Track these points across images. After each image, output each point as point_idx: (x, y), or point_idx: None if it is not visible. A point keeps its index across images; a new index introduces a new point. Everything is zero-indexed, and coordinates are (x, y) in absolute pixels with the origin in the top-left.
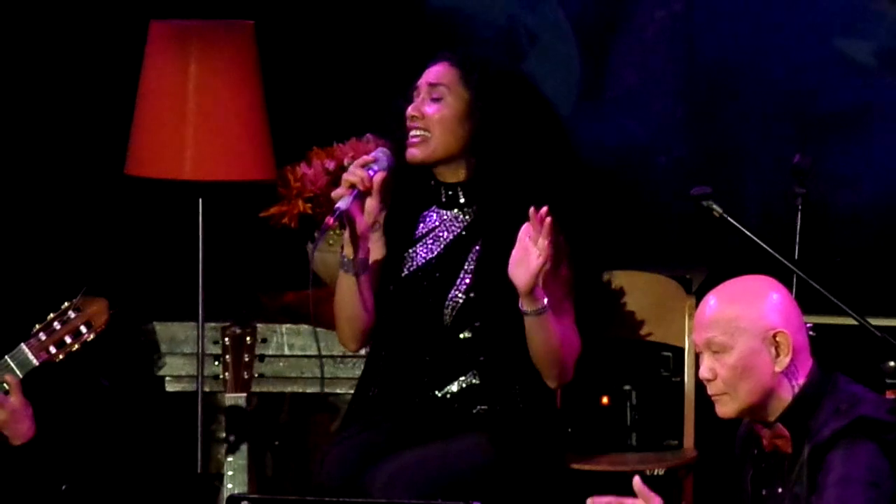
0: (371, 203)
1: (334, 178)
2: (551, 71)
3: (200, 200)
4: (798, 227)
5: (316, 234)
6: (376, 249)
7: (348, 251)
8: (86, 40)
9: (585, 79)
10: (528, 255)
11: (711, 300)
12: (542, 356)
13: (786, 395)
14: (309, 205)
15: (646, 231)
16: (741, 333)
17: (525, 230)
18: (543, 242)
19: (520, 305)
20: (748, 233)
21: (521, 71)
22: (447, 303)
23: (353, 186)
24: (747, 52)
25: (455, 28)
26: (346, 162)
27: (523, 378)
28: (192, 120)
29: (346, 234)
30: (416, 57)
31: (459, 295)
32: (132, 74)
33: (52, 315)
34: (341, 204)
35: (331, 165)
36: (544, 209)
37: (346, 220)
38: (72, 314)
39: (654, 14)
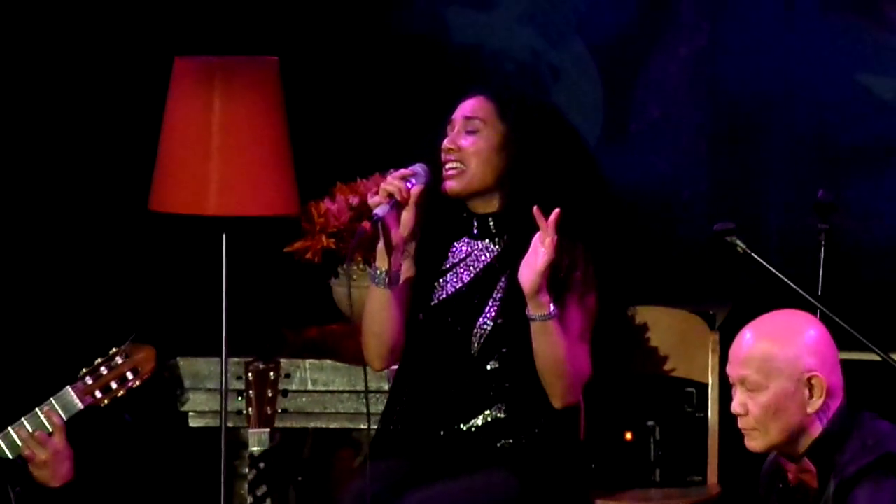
0: (406, 216)
1: (358, 214)
2: (575, 106)
3: (224, 235)
4: (821, 262)
5: (342, 266)
6: (407, 276)
7: (382, 263)
8: (110, 76)
9: (609, 114)
10: (534, 255)
11: (748, 336)
12: (548, 366)
13: (815, 431)
14: (332, 240)
15: (669, 266)
16: (777, 374)
17: (538, 236)
18: (548, 240)
19: (526, 311)
20: (772, 268)
21: (554, 104)
22: (475, 331)
23: (390, 196)
24: (770, 87)
25: (478, 64)
26: (369, 198)
27: (548, 412)
28: (216, 155)
29: (380, 245)
30: (439, 93)
31: (488, 322)
32: (157, 110)
33: (99, 360)
34: (379, 211)
35: (354, 201)
36: (554, 213)
37: (381, 228)
38: (119, 360)
39: (678, 50)
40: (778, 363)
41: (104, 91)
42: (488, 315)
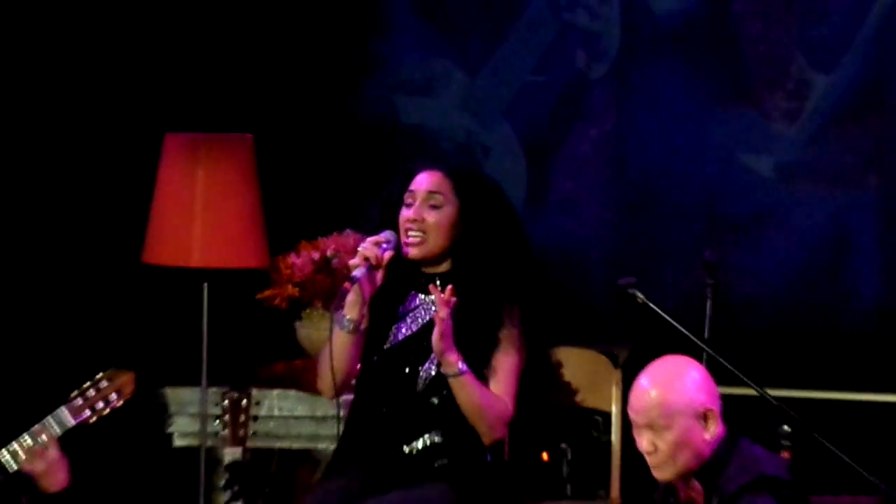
0: (378, 276)
1: (319, 267)
2: (502, 179)
3: (205, 284)
4: (708, 311)
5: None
6: (365, 325)
7: (352, 313)
8: (113, 148)
9: (530, 186)
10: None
11: (646, 387)
12: (468, 413)
13: (706, 455)
14: (297, 289)
15: (580, 314)
16: (678, 415)
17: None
18: (442, 312)
19: (441, 369)
20: (666, 316)
21: (497, 182)
22: (421, 374)
23: (366, 259)
24: (667, 164)
25: (421, 141)
26: (329, 253)
27: (478, 438)
28: (200, 216)
29: (351, 297)
30: (388, 165)
31: (432, 368)
32: (150, 178)
33: (87, 384)
34: (357, 273)
35: (316, 256)
36: (448, 289)
37: (358, 286)
38: (104, 384)
39: (589, 132)
40: (678, 406)
41: (109, 160)
42: (432, 361)
